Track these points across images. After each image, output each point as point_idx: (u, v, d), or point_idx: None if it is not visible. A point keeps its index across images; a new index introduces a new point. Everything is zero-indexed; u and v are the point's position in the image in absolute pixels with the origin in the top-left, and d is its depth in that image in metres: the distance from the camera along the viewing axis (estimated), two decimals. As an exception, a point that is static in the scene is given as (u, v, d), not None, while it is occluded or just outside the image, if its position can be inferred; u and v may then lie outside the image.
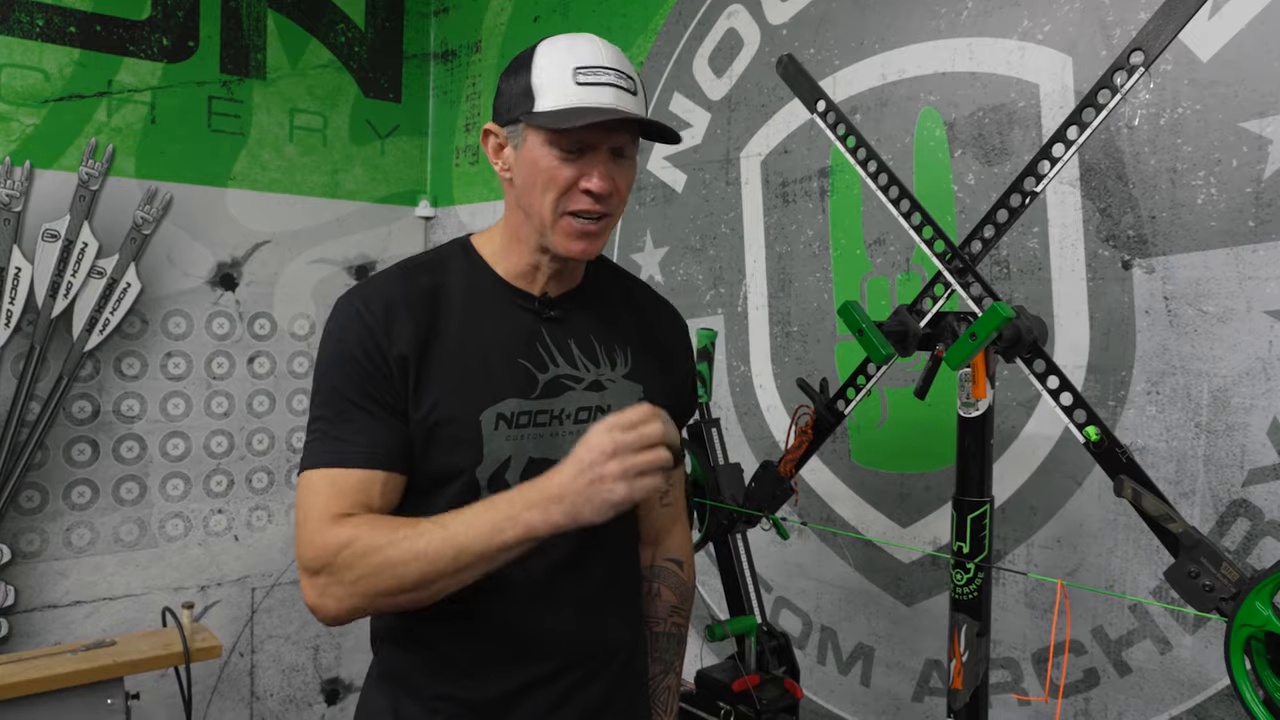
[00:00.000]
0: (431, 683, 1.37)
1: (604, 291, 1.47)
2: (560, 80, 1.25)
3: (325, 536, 1.21)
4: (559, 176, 1.27)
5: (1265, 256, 1.60)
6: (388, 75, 3.59)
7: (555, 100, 1.25)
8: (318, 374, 1.32)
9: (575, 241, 1.30)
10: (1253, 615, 1.22)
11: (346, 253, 3.50)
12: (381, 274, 1.38)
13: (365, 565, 1.19)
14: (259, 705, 3.37)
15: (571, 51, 1.27)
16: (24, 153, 2.84)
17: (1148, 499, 1.35)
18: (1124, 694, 1.79)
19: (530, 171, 1.29)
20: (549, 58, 1.28)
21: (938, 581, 2.09)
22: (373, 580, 1.19)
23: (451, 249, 1.42)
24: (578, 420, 1.37)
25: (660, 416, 1.16)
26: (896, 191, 1.62)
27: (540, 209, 1.29)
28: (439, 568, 1.17)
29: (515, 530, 1.15)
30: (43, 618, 2.94)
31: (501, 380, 1.32)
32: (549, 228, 1.30)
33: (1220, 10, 1.64)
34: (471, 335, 1.33)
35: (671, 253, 2.71)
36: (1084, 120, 1.41)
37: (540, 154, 1.27)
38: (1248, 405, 1.63)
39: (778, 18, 2.40)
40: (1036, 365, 1.47)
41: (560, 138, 1.25)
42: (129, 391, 3.06)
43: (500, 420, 1.31)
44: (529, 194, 1.30)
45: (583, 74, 1.25)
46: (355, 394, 1.27)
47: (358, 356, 1.27)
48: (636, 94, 1.30)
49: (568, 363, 1.37)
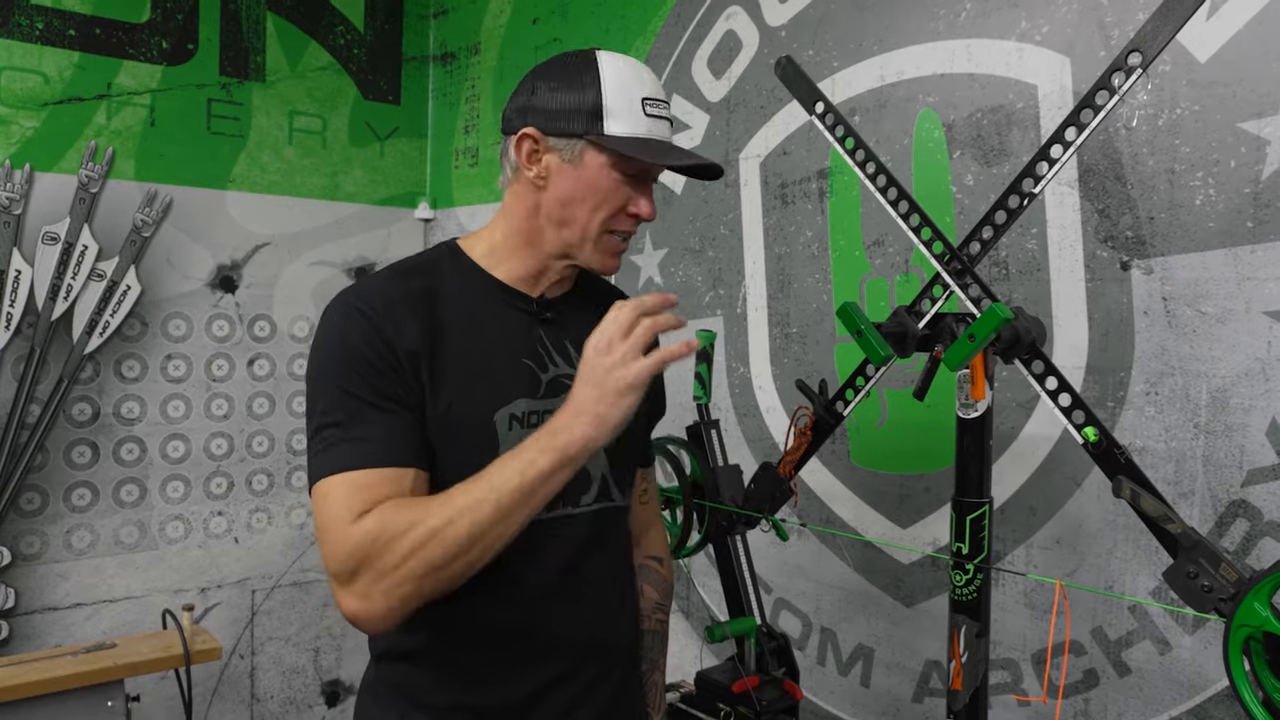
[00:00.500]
0: (439, 693, 1.35)
1: (590, 294, 1.48)
2: (631, 108, 1.29)
3: (351, 536, 1.16)
4: (615, 198, 1.31)
5: (1264, 257, 1.60)
6: (387, 77, 3.59)
7: (628, 127, 1.28)
8: (318, 379, 1.28)
9: (611, 259, 1.36)
10: (1251, 616, 1.22)
11: (346, 255, 3.50)
12: (373, 277, 1.37)
13: (406, 545, 1.14)
14: (259, 707, 3.37)
15: (638, 79, 1.31)
16: (24, 155, 2.85)
17: (1146, 499, 1.35)
18: (1123, 694, 1.79)
19: (583, 188, 1.30)
20: (617, 82, 1.29)
21: (937, 582, 2.09)
22: (420, 556, 1.14)
23: (439, 252, 1.42)
24: None
25: (630, 306, 1.20)
26: (895, 193, 1.62)
27: (586, 224, 1.32)
28: (482, 521, 1.14)
29: (548, 457, 1.15)
30: (43, 620, 2.94)
31: (510, 381, 1.33)
32: (588, 242, 1.33)
33: (1218, 11, 1.64)
34: (475, 336, 1.33)
35: (671, 254, 2.71)
36: (1082, 121, 1.42)
37: (601, 175, 1.29)
38: (1246, 406, 1.63)
39: (776, 19, 2.40)
40: (1035, 366, 1.47)
41: (629, 164, 1.29)
42: (129, 394, 3.06)
43: (514, 420, 1.32)
44: (573, 208, 1.31)
45: (650, 105, 1.30)
46: (367, 392, 1.23)
47: (366, 354, 1.24)
48: (674, 124, 1.38)
49: (565, 362, 1.38)
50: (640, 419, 1.46)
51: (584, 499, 1.38)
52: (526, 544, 1.29)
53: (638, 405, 1.17)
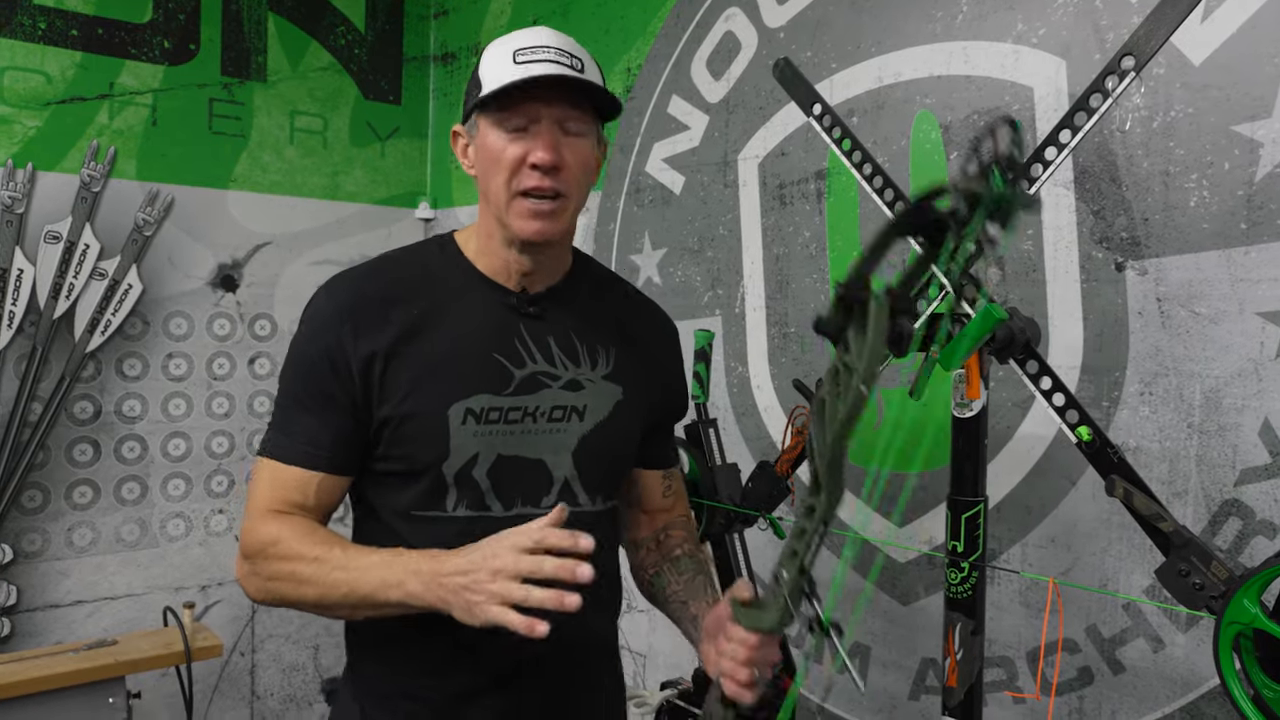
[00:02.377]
0: (399, 682, 1.37)
1: (591, 291, 1.45)
2: (502, 63, 1.27)
3: (258, 528, 1.30)
4: (506, 155, 1.27)
5: (1257, 258, 1.61)
6: (388, 77, 3.60)
7: (497, 81, 1.26)
8: (284, 362, 1.39)
9: (529, 222, 1.28)
10: (1241, 613, 1.23)
11: (347, 254, 3.51)
12: (357, 268, 1.42)
13: (278, 570, 1.28)
14: (259, 704, 3.38)
15: (514, 39, 1.31)
16: (26, 155, 2.86)
17: (1139, 498, 1.36)
18: (1117, 692, 1.81)
19: (483, 157, 1.31)
20: (494, 49, 1.32)
21: (934, 581, 2.10)
22: (280, 586, 1.29)
23: (428, 245, 1.43)
24: (551, 419, 1.35)
25: (572, 542, 1.12)
26: (892, 194, 1.64)
27: (496, 193, 1.29)
28: (333, 600, 1.24)
29: (397, 593, 1.20)
30: (44, 617, 2.95)
31: (473, 375, 1.32)
32: (505, 211, 1.29)
33: (1212, 15, 1.65)
34: (445, 330, 1.33)
35: (670, 254, 2.72)
36: (1076, 124, 1.43)
37: (489, 137, 1.29)
38: (1239, 406, 1.64)
39: (775, 21, 2.42)
40: (1030, 366, 1.49)
41: (504, 116, 1.27)
42: (130, 392, 3.07)
43: (469, 415, 1.30)
44: (485, 181, 1.31)
45: (522, 54, 1.27)
46: (305, 391, 1.33)
47: (314, 357, 1.32)
48: (583, 72, 1.28)
49: (545, 360, 1.36)
50: (635, 421, 1.45)
51: (545, 500, 1.36)
52: None
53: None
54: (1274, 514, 1.60)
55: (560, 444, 1.36)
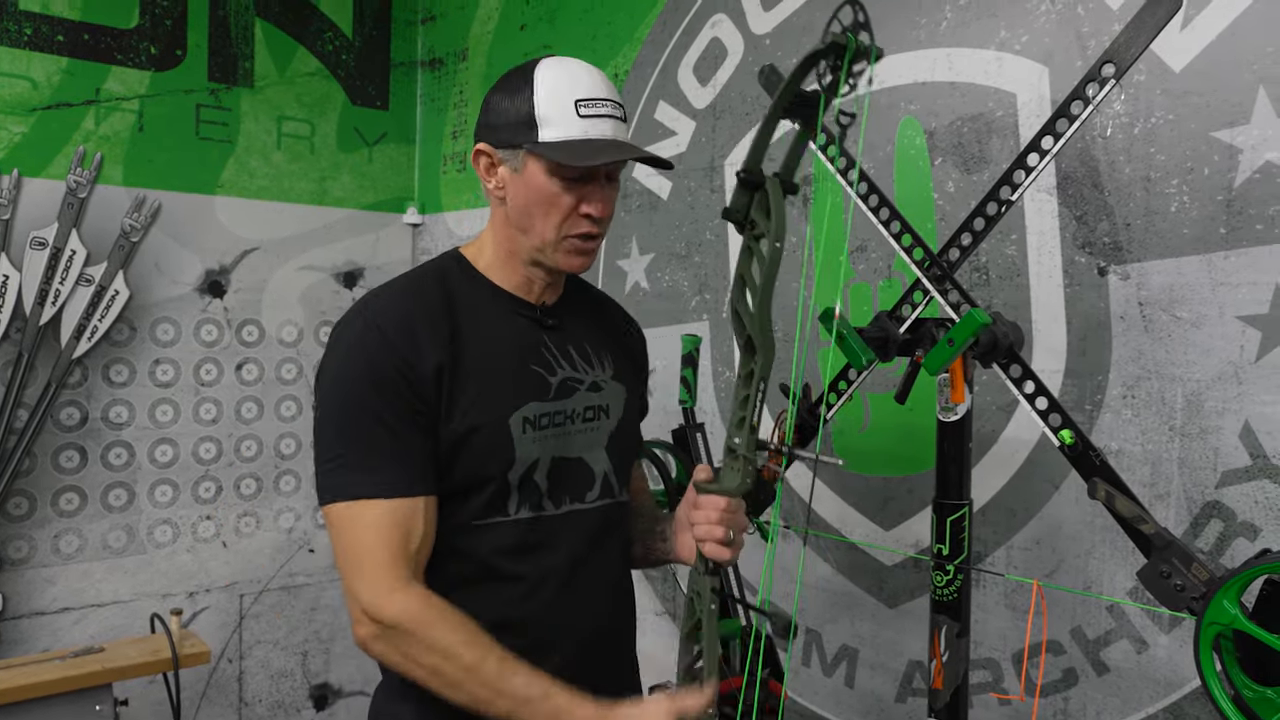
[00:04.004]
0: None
1: (585, 300, 1.55)
2: (563, 112, 1.30)
3: (391, 605, 1.27)
4: (561, 203, 1.32)
5: (1236, 263, 1.63)
6: (375, 83, 3.61)
7: (561, 132, 1.30)
8: (335, 396, 1.31)
9: (575, 259, 1.37)
10: (1221, 614, 1.25)
11: (334, 259, 3.51)
12: (388, 289, 1.40)
13: (424, 660, 1.26)
14: (248, 711, 3.37)
15: (572, 82, 1.32)
16: (12, 161, 2.85)
17: (1120, 501, 1.38)
18: (1102, 693, 1.82)
19: (532, 197, 1.33)
20: (549, 87, 1.31)
21: (920, 583, 2.11)
22: (418, 672, 1.28)
23: (446, 261, 1.45)
24: (585, 419, 1.44)
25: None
26: (876, 200, 1.65)
27: (543, 231, 1.34)
28: (486, 708, 1.26)
29: None
30: (30, 625, 2.94)
31: (522, 385, 1.37)
32: (551, 247, 1.36)
33: (1192, 22, 1.67)
34: (489, 343, 1.37)
35: (657, 259, 2.73)
36: (1058, 130, 1.45)
37: (543, 181, 1.32)
38: (1220, 409, 1.66)
39: (761, 28, 2.43)
40: (1013, 370, 1.50)
41: (566, 169, 1.30)
42: (117, 398, 3.06)
43: (526, 424, 1.36)
44: (528, 217, 1.35)
45: (584, 106, 1.31)
46: (389, 415, 1.28)
47: (389, 376, 1.28)
48: (626, 120, 1.36)
49: (570, 366, 1.43)
50: (636, 414, 1.55)
51: (589, 495, 1.43)
52: (538, 541, 1.36)
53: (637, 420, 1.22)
54: (1254, 516, 1.62)
55: (594, 441, 1.45)
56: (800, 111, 1.25)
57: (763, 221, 1.21)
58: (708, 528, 1.30)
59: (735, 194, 1.24)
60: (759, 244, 1.22)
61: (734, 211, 1.25)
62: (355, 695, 3.59)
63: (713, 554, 1.30)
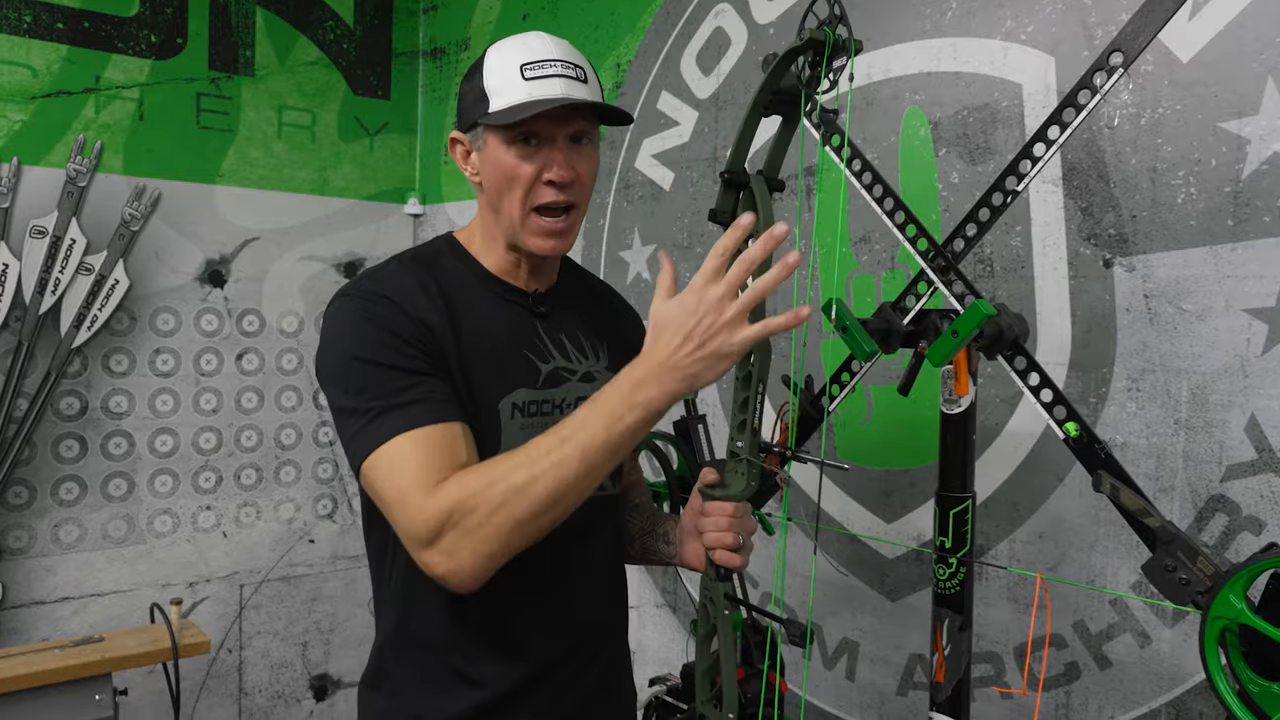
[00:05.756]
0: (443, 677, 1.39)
1: (581, 289, 1.53)
2: (508, 80, 1.29)
3: (435, 500, 1.17)
4: (521, 173, 1.30)
5: (1243, 255, 1.62)
6: (376, 72, 3.59)
7: (507, 98, 1.28)
8: (348, 361, 1.27)
9: (545, 240, 1.34)
10: (1226, 608, 1.24)
11: (335, 250, 3.50)
12: (382, 267, 1.39)
13: (491, 501, 1.15)
14: (247, 701, 3.37)
15: (518, 49, 1.31)
16: (11, 149, 2.84)
17: (1125, 494, 1.37)
18: (1104, 687, 1.81)
19: (495, 173, 1.32)
20: (497, 59, 1.31)
21: (922, 576, 2.11)
22: (505, 512, 1.15)
23: (439, 245, 1.44)
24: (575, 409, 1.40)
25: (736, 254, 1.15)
26: (881, 190, 1.64)
27: (509, 208, 1.33)
28: (567, 478, 1.14)
29: (636, 414, 1.14)
30: (30, 614, 2.94)
31: (512, 371, 1.36)
32: (519, 226, 1.33)
33: (1200, 12, 1.66)
34: (481, 326, 1.36)
35: (659, 250, 2.72)
36: (1064, 120, 1.43)
37: (500, 154, 1.31)
38: (1226, 402, 1.65)
39: (764, 17, 2.41)
40: (1017, 362, 1.49)
41: (516, 134, 1.29)
42: (117, 388, 3.06)
43: (515, 410, 1.35)
44: (497, 195, 1.34)
45: (530, 69, 1.29)
46: (407, 363, 1.25)
47: (399, 327, 1.26)
48: (586, 81, 1.33)
49: (562, 355, 1.42)
50: None
51: None
52: None
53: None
54: (1260, 509, 1.61)
55: None
56: (781, 108, 1.24)
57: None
58: (717, 535, 1.30)
59: (720, 195, 1.22)
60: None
61: (720, 213, 1.23)
62: (355, 686, 3.57)
63: (724, 561, 1.30)
